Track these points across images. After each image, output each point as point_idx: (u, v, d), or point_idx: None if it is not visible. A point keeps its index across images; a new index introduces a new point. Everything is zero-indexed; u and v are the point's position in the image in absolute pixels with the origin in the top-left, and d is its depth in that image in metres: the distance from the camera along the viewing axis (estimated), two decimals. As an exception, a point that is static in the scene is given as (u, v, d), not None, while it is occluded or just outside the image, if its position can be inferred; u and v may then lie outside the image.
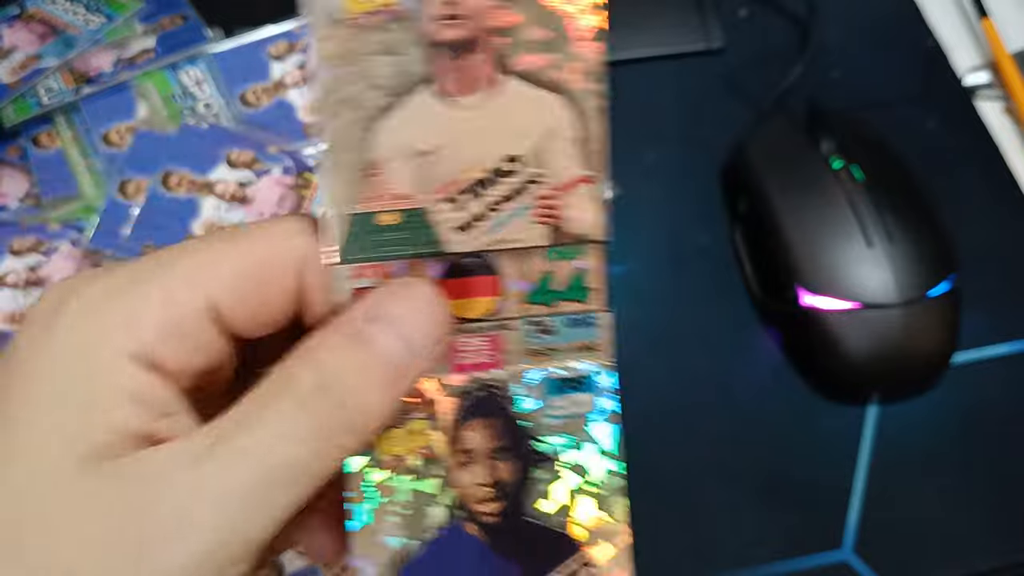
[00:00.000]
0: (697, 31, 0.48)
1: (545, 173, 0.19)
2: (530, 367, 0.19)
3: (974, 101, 0.47)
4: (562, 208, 0.19)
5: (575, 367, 0.19)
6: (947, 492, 0.38)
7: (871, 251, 0.38)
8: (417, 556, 0.19)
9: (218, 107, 0.44)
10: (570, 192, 0.19)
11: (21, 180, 0.43)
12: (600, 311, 0.19)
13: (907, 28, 0.49)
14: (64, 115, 0.43)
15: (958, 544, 0.37)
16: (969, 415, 0.39)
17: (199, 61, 0.45)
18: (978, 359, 0.40)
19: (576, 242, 0.19)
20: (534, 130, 0.18)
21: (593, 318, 0.19)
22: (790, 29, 0.49)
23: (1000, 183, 0.45)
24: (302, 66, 0.45)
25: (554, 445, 0.19)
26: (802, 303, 0.38)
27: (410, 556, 0.19)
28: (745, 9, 0.50)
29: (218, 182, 0.41)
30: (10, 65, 0.44)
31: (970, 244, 0.42)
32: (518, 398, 0.19)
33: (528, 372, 0.19)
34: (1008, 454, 0.39)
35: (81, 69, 0.44)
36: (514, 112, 0.18)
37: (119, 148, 0.43)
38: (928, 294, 0.38)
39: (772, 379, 0.40)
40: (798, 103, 0.44)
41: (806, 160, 0.40)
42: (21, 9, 0.46)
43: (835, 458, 0.38)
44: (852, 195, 0.39)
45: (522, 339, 0.19)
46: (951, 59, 0.48)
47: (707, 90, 0.47)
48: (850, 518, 0.37)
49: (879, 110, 0.46)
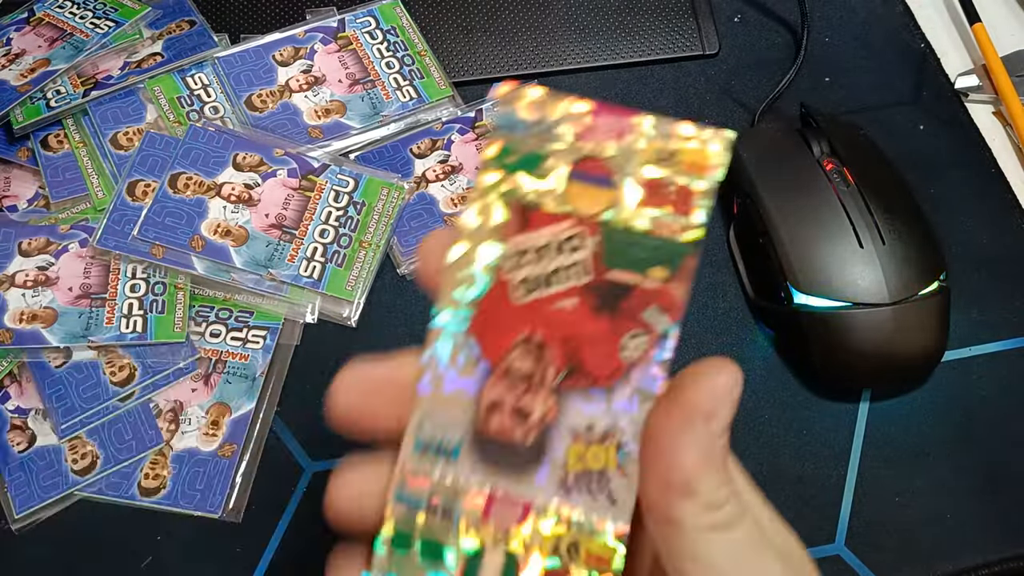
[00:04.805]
0: (692, 36, 0.49)
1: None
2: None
3: (965, 104, 0.48)
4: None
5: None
6: (937, 487, 0.38)
7: (862, 251, 0.38)
8: None
9: (225, 111, 0.45)
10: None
11: (30, 182, 0.44)
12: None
13: (898, 32, 0.50)
14: (73, 118, 0.44)
15: (949, 539, 0.37)
16: (959, 412, 0.40)
17: (206, 65, 0.46)
18: (967, 357, 0.41)
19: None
20: None
21: None
22: (783, 34, 0.50)
23: (990, 185, 0.46)
24: (307, 70, 0.46)
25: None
26: (794, 303, 0.39)
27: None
28: (739, 15, 0.50)
29: (225, 184, 0.42)
30: (19, 69, 0.44)
31: (960, 244, 0.43)
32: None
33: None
34: (997, 449, 0.39)
35: (89, 73, 0.45)
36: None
37: (127, 150, 0.43)
38: (918, 293, 0.38)
39: (765, 377, 0.41)
40: (791, 106, 0.45)
41: (799, 162, 0.41)
42: (30, 13, 0.47)
43: (827, 454, 0.39)
44: (844, 197, 0.39)
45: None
46: (942, 62, 0.49)
47: (702, 94, 0.48)
48: (842, 513, 0.38)
49: (871, 113, 0.47)
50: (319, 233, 0.42)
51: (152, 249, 0.40)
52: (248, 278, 0.41)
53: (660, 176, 0.20)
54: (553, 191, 0.20)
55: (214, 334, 0.40)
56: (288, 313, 0.41)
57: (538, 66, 0.48)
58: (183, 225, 0.41)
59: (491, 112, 0.21)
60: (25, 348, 0.39)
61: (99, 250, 0.41)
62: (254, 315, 0.41)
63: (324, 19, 0.47)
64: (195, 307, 0.41)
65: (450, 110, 0.46)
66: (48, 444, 0.38)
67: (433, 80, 0.46)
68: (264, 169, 0.43)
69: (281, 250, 0.41)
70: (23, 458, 0.38)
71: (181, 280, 0.41)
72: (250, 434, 0.39)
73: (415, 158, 0.45)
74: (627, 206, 0.20)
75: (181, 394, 0.39)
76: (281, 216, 0.42)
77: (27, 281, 0.40)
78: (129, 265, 0.41)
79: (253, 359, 0.40)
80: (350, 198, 0.43)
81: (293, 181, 0.43)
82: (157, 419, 0.39)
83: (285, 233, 0.42)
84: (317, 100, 0.45)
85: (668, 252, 0.20)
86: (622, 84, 0.48)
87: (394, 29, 0.47)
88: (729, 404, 0.19)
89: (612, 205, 0.20)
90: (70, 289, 0.40)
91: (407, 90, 0.46)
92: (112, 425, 0.38)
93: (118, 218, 0.41)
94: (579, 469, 0.20)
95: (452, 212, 0.44)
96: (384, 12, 0.48)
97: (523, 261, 0.20)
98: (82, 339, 0.39)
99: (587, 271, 0.20)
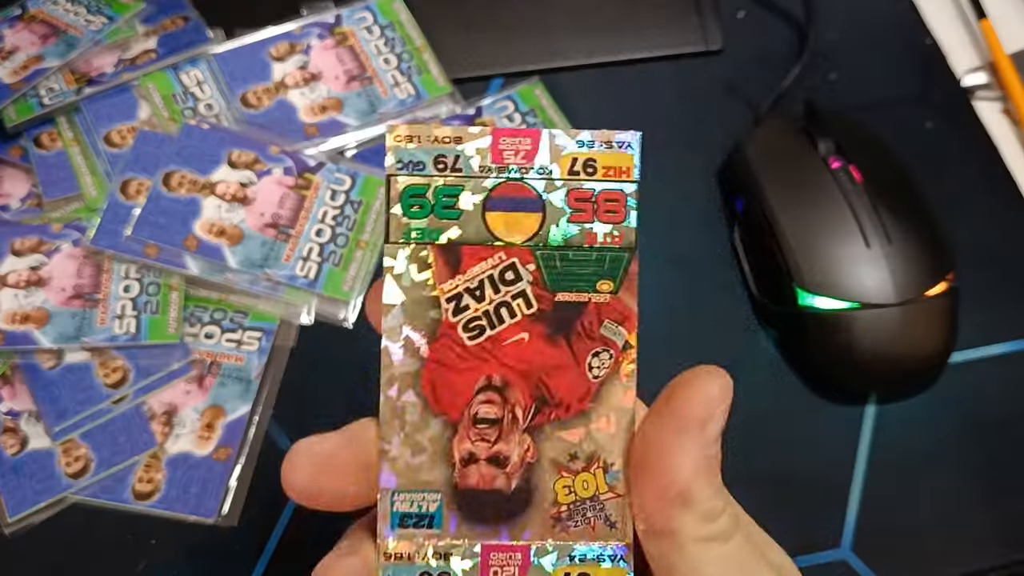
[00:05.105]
0: (696, 32, 0.48)
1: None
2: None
3: (972, 102, 0.47)
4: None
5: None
6: (945, 491, 0.38)
7: (869, 251, 0.38)
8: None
9: (219, 108, 0.44)
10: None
11: (23, 180, 0.43)
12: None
13: (905, 29, 0.50)
14: (66, 116, 0.44)
15: (956, 543, 0.37)
16: (967, 414, 0.40)
17: (200, 62, 0.45)
18: (976, 359, 0.41)
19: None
20: None
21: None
22: (788, 30, 0.49)
23: (997, 183, 0.45)
24: (303, 66, 0.45)
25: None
26: (800, 303, 0.38)
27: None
28: (743, 10, 0.50)
29: (219, 182, 0.42)
30: (12, 66, 0.44)
31: (967, 244, 0.42)
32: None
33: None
34: (1006, 453, 0.39)
35: (83, 70, 0.44)
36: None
37: (120, 148, 0.43)
38: (926, 294, 0.38)
39: (770, 379, 0.40)
40: (796, 103, 0.45)
41: (804, 160, 0.40)
42: (23, 10, 0.46)
43: (833, 457, 0.39)
44: (850, 195, 0.39)
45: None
46: (949, 60, 0.49)
47: (705, 91, 0.47)
48: (848, 517, 0.38)
49: (877, 111, 0.46)
50: (315, 232, 0.41)
51: (146, 249, 0.40)
52: (243, 278, 0.40)
53: (581, 187, 0.20)
54: (474, 225, 0.19)
55: (208, 335, 0.40)
56: (284, 314, 0.40)
57: (538, 62, 0.47)
58: (177, 224, 0.40)
59: (389, 158, 0.20)
60: (17, 349, 0.38)
61: (92, 250, 0.40)
62: (249, 316, 0.40)
63: (320, 14, 0.47)
64: (189, 308, 0.40)
65: (449, 107, 0.45)
66: (41, 447, 0.37)
67: (431, 76, 0.46)
68: (259, 167, 0.42)
69: (276, 250, 0.41)
70: (15, 461, 0.37)
71: (175, 280, 0.40)
72: (245, 437, 0.38)
73: None
74: (554, 225, 0.20)
75: (175, 396, 0.39)
76: (276, 215, 0.41)
77: (19, 281, 0.40)
78: (122, 265, 0.40)
79: (248, 361, 0.39)
80: (347, 197, 0.42)
81: (289, 179, 0.42)
82: (150, 422, 0.38)
83: (280, 232, 0.41)
84: (313, 97, 0.45)
85: (608, 263, 0.20)
86: (623, 81, 0.48)
87: (392, 24, 0.47)
88: (722, 412, 0.19)
89: (538, 227, 0.20)
90: (63, 289, 0.39)
91: (405, 87, 0.45)
92: (105, 428, 0.38)
93: (111, 217, 0.40)
94: (571, 501, 0.19)
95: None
96: (382, 7, 0.47)
97: (462, 305, 0.19)
98: (75, 340, 0.38)
99: (531, 300, 0.19)
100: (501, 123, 0.45)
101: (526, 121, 0.45)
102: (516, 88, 0.46)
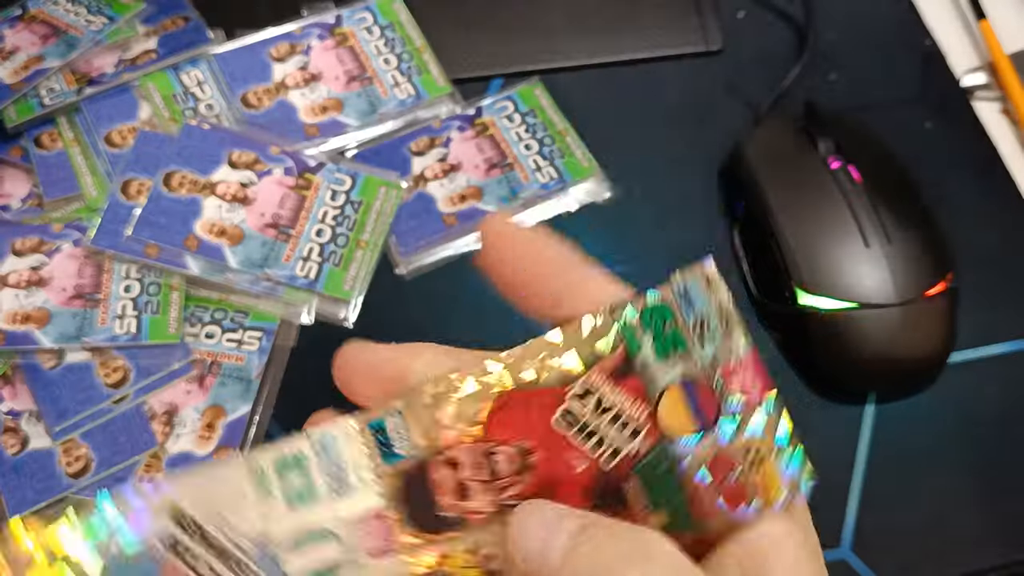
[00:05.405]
0: (696, 32, 0.49)
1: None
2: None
3: (971, 102, 0.47)
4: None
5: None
6: (945, 491, 0.38)
7: (868, 251, 0.38)
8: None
9: (220, 108, 0.44)
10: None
11: (23, 181, 0.43)
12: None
13: (905, 29, 0.50)
14: (66, 116, 0.44)
15: (956, 542, 0.37)
16: (966, 414, 0.40)
17: (201, 62, 0.45)
18: (975, 359, 0.41)
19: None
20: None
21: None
22: (788, 30, 0.49)
23: (997, 183, 0.45)
24: (303, 67, 0.45)
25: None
26: (800, 303, 0.38)
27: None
28: (743, 10, 0.50)
29: (220, 182, 0.42)
30: (12, 66, 0.44)
31: (967, 244, 0.42)
32: None
33: None
34: (1005, 453, 0.39)
35: (83, 70, 0.44)
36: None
37: (121, 149, 0.43)
38: (925, 294, 0.38)
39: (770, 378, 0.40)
40: (796, 104, 0.45)
41: (804, 160, 0.41)
42: (23, 10, 0.46)
43: (833, 457, 0.39)
44: (849, 195, 0.39)
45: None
46: (949, 60, 0.49)
47: (706, 91, 0.47)
48: (848, 517, 0.38)
49: (876, 111, 0.46)
50: (316, 232, 0.41)
51: (146, 249, 0.40)
52: (243, 278, 0.40)
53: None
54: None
55: (209, 335, 0.40)
56: (284, 314, 0.40)
57: (538, 63, 0.47)
58: (177, 224, 0.40)
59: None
60: (18, 349, 0.38)
61: (93, 250, 0.40)
62: (250, 316, 0.40)
63: (320, 15, 0.47)
64: (190, 308, 0.40)
65: (449, 107, 0.45)
66: (41, 447, 0.37)
67: (432, 77, 0.46)
68: (260, 167, 0.42)
69: (277, 250, 0.41)
70: (16, 461, 0.37)
71: (176, 280, 0.40)
72: (246, 437, 0.38)
73: (413, 156, 0.44)
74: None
75: (175, 396, 0.39)
76: (277, 215, 0.41)
77: (20, 281, 0.40)
78: (123, 265, 0.40)
79: (249, 361, 0.39)
80: (347, 197, 0.42)
81: (289, 179, 0.42)
82: (151, 422, 0.38)
83: (281, 232, 0.41)
84: (314, 97, 0.45)
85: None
86: (623, 81, 0.48)
87: (392, 25, 0.47)
88: None
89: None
90: (63, 289, 0.39)
91: (405, 87, 0.45)
92: (106, 428, 0.38)
93: (112, 217, 0.40)
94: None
95: (450, 211, 0.43)
96: (382, 7, 0.47)
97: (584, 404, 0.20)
98: (75, 340, 0.38)
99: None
100: (501, 123, 0.45)
101: (526, 121, 0.45)
102: (516, 88, 0.46)
